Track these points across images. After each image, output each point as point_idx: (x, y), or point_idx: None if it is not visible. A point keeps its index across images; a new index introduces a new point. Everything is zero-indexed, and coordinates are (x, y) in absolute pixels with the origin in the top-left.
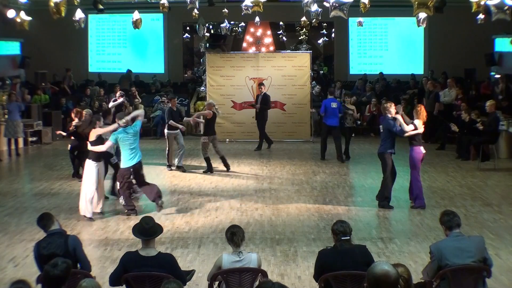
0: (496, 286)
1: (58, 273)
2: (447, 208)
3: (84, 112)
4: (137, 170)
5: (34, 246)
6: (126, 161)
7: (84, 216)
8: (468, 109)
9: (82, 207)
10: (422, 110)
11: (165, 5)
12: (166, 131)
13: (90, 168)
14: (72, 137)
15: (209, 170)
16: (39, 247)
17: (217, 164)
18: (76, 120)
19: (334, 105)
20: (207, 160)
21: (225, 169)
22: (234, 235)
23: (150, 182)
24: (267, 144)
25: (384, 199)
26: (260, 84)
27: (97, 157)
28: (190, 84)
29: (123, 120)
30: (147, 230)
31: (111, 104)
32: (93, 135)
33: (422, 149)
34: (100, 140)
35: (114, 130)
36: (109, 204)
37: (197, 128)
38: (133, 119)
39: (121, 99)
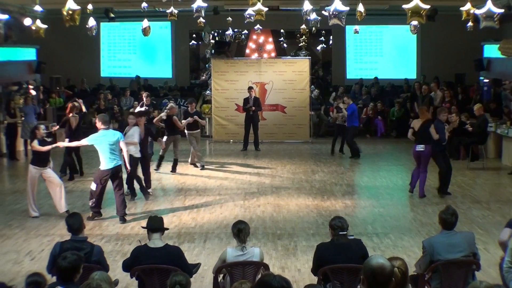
0: (485, 278)
1: (66, 265)
2: (438, 205)
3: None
4: (116, 173)
5: (56, 245)
6: (106, 163)
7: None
8: (457, 111)
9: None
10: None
11: (174, 13)
12: (185, 131)
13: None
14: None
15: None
16: (61, 250)
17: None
18: (71, 114)
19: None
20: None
21: (221, 169)
22: (241, 232)
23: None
24: (246, 146)
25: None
26: (250, 88)
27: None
28: (196, 88)
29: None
30: (154, 222)
31: (138, 109)
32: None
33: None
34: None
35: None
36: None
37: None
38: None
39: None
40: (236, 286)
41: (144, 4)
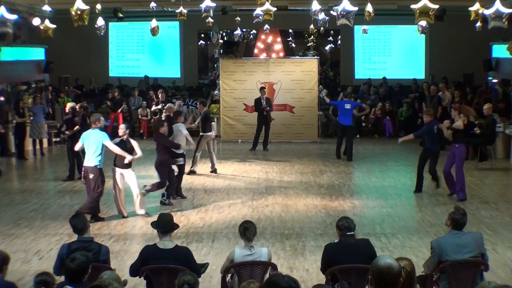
0: (493, 279)
1: (74, 267)
2: (447, 206)
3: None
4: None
5: (63, 246)
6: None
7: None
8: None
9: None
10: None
11: (183, 13)
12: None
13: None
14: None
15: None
16: (69, 251)
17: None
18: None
19: (348, 106)
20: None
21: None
22: (247, 230)
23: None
24: (255, 146)
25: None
26: (262, 88)
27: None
28: (204, 88)
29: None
30: (165, 224)
31: (154, 107)
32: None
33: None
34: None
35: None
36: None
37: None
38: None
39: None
40: (245, 286)
41: (152, 4)
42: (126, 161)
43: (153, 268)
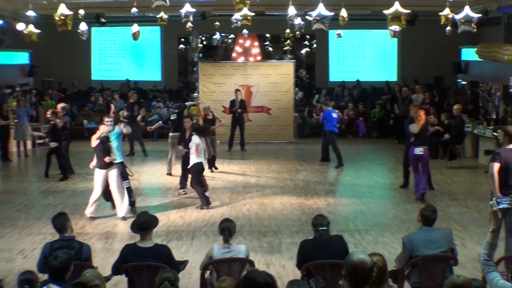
0: (462, 272)
1: (57, 264)
2: (418, 203)
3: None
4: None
5: (46, 245)
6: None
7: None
8: (436, 113)
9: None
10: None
11: (163, 18)
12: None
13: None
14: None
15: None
16: (51, 249)
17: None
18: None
19: (334, 115)
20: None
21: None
22: (226, 229)
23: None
24: (231, 146)
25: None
26: (237, 90)
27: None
28: (184, 91)
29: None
30: (142, 225)
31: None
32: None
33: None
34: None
35: None
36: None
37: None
38: None
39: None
40: (217, 285)
41: (134, 9)
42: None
43: (133, 266)
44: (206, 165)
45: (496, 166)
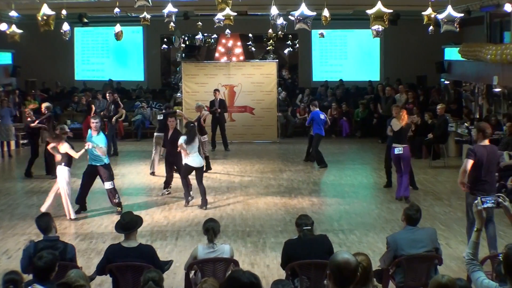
0: (447, 272)
1: (42, 265)
2: (402, 203)
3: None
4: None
5: (29, 244)
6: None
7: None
8: (419, 112)
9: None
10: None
11: (146, 18)
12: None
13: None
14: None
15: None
16: (36, 249)
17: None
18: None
19: (322, 116)
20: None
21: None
22: (210, 229)
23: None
24: (214, 146)
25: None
26: (216, 90)
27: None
28: (167, 91)
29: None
30: (126, 225)
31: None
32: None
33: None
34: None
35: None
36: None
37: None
38: None
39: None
40: (199, 286)
41: (116, 10)
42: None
43: (118, 266)
44: (203, 163)
45: (470, 162)
